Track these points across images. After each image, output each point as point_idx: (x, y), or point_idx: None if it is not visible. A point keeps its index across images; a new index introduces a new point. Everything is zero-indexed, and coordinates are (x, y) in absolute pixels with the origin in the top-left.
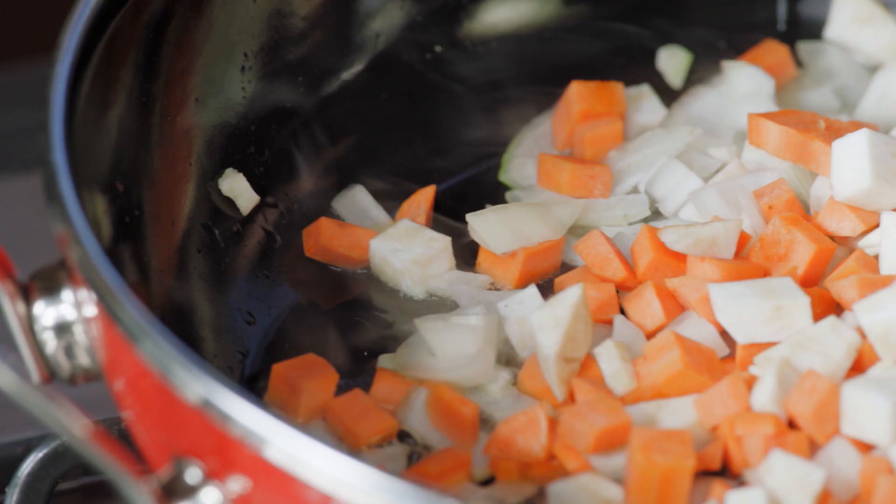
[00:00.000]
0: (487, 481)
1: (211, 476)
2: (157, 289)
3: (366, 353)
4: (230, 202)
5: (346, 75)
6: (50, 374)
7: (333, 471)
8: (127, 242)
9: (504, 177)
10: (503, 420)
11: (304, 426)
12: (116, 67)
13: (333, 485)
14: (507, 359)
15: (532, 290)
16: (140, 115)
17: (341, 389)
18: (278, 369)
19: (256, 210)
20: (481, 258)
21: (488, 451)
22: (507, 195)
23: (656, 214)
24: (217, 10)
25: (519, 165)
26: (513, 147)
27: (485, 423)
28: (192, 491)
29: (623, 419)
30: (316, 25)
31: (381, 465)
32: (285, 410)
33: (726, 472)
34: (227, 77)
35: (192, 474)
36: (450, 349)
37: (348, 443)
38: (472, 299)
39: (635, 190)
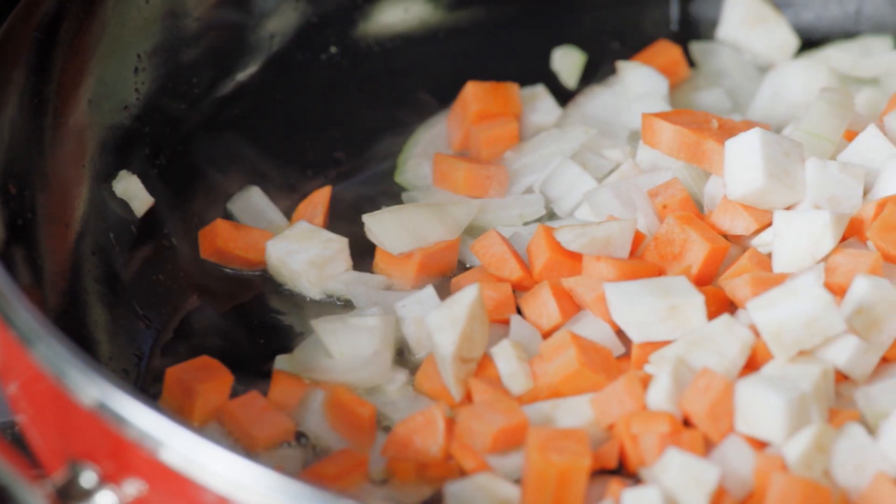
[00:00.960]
0: (385, 482)
1: (106, 479)
2: (50, 292)
3: (263, 355)
4: (125, 204)
5: (242, 76)
6: None
7: (230, 473)
8: (20, 245)
9: (399, 178)
10: (400, 421)
11: (201, 429)
12: (8, 69)
13: (230, 487)
14: (404, 359)
15: (429, 291)
16: (32, 117)
17: (238, 392)
18: (172, 372)
19: (151, 212)
20: (378, 259)
21: (386, 451)
22: (404, 196)
23: (552, 215)
24: (110, 11)
25: (414, 166)
26: (408, 148)
27: (382, 423)
28: (87, 494)
29: (520, 419)
30: (210, 26)
31: (278, 467)
32: (181, 413)
33: (622, 471)
34: (120, 78)
35: (88, 478)
36: (347, 350)
37: (245, 445)
38: (369, 300)
39: (530, 190)
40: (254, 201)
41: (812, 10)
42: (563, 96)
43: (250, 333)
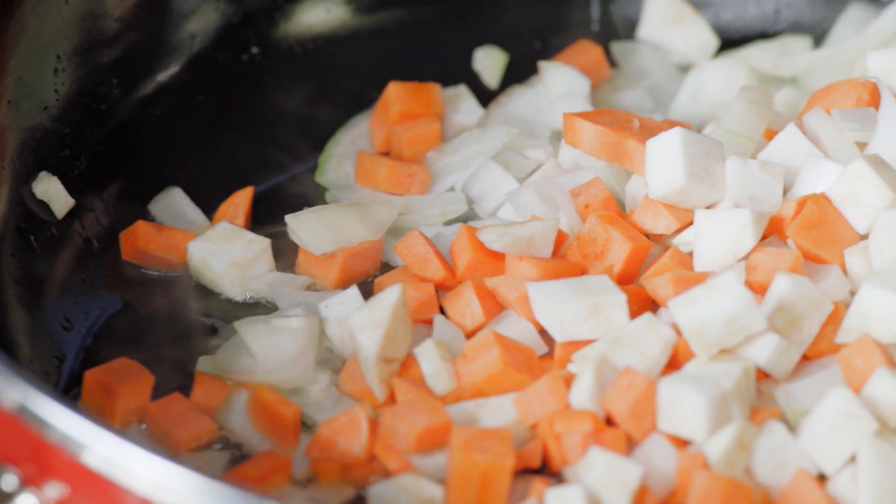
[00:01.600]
0: (309, 483)
1: (27, 483)
2: None
3: (185, 357)
4: (45, 206)
5: (162, 77)
6: None
7: (152, 475)
8: None
9: (320, 178)
10: (324, 421)
11: (123, 431)
12: None
13: (152, 489)
14: (328, 360)
15: (353, 291)
16: None
17: (161, 393)
18: (92, 375)
19: (72, 213)
20: (301, 259)
21: (309, 452)
22: (327, 195)
23: (474, 215)
24: (28, 11)
25: (336, 165)
26: (330, 147)
27: (305, 425)
28: (8, 498)
29: (443, 419)
30: (130, 27)
31: (201, 469)
32: (102, 415)
33: (546, 470)
34: (40, 79)
35: (8, 481)
36: (270, 351)
37: (168, 447)
38: (292, 301)
39: (453, 190)
40: (175, 202)
41: (731, 9)
42: (485, 96)
43: (172, 335)
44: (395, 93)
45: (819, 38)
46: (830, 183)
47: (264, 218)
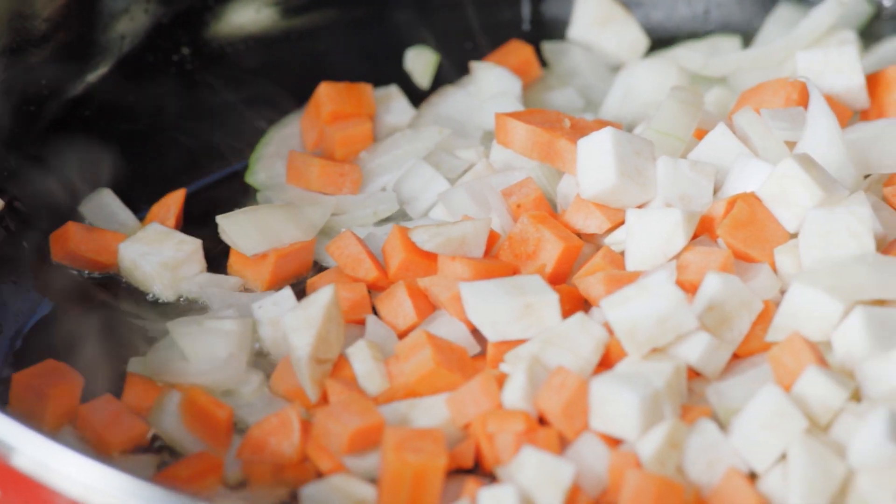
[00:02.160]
0: (241, 484)
1: None
2: None
3: (116, 358)
4: None
5: (92, 77)
6: None
7: (83, 477)
8: None
9: (250, 178)
10: (256, 423)
11: (53, 433)
12: None
13: (83, 491)
14: (260, 361)
15: (286, 292)
16: None
17: (92, 395)
18: (20, 378)
19: (1, 215)
20: (232, 260)
21: (241, 454)
22: (258, 196)
23: (406, 216)
24: None
25: (267, 165)
26: (261, 147)
27: (238, 426)
28: None
29: (376, 419)
30: (59, 27)
31: (132, 471)
32: (32, 418)
33: (479, 470)
34: None
35: None
36: (202, 352)
37: (99, 449)
38: (224, 302)
39: (384, 190)
40: (105, 203)
41: (661, 9)
42: (417, 96)
43: (103, 336)
44: (327, 93)
45: (748, 37)
46: (760, 182)
47: (196, 219)
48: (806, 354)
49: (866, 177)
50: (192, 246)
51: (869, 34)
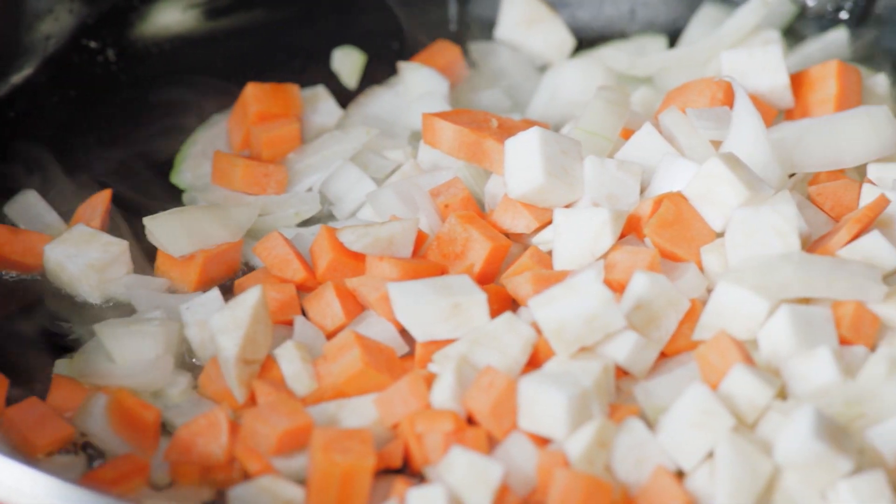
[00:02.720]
0: (169, 486)
1: None
2: None
3: (43, 360)
4: None
5: (17, 79)
6: None
7: (8, 480)
8: None
9: (176, 179)
10: (184, 424)
11: None
12: None
13: (9, 493)
14: (188, 363)
15: (214, 293)
16: None
17: (17, 398)
18: None
19: None
20: (160, 261)
21: (168, 455)
22: (185, 197)
23: (334, 217)
24: None
25: (193, 166)
26: (186, 148)
27: (165, 428)
28: None
29: (304, 420)
30: None
31: (58, 473)
32: None
33: (408, 470)
34: None
35: None
36: (129, 354)
37: (24, 451)
38: (151, 303)
39: (311, 191)
40: (31, 204)
41: (587, 9)
42: (344, 97)
43: (29, 338)
44: (254, 93)
45: (674, 37)
46: (686, 181)
47: (122, 220)
48: (732, 353)
49: (791, 176)
50: (119, 247)
51: (793, 33)
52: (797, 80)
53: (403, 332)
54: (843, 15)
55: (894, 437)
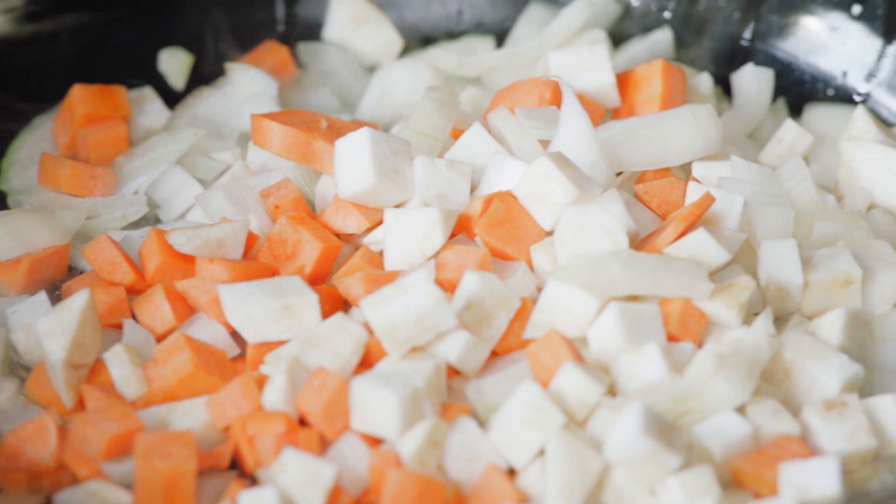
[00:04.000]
0: None
1: None
2: None
3: None
4: None
5: None
6: None
7: None
8: None
9: (3, 184)
10: (11, 430)
11: None
12: None
13: None
14: (14, 368)
15: (41, 297)
16: None
17: None
18: None
19: None
20: None
21: None
22: (10, 200)
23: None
24: None
25: (19, 170)
26: (12, 152)
27: None
28: None
29: (134, 424)
30: None
31: None
32: None
33: (242, 472)
34: None
35: None
36: None
37: None
38: None
39: (137, 193)
40: None
41: (416, 10)
42: (172, 98)
43: None
44: (80, 96)
45: (501, 38)
46: (515, 180)
47: None
48: (562, 351)
49: (619, 174)
50: None
51: (618, 33)
52: (623, 80)
53: (235, 334)
54: (667, 14)
55: (721, 433)
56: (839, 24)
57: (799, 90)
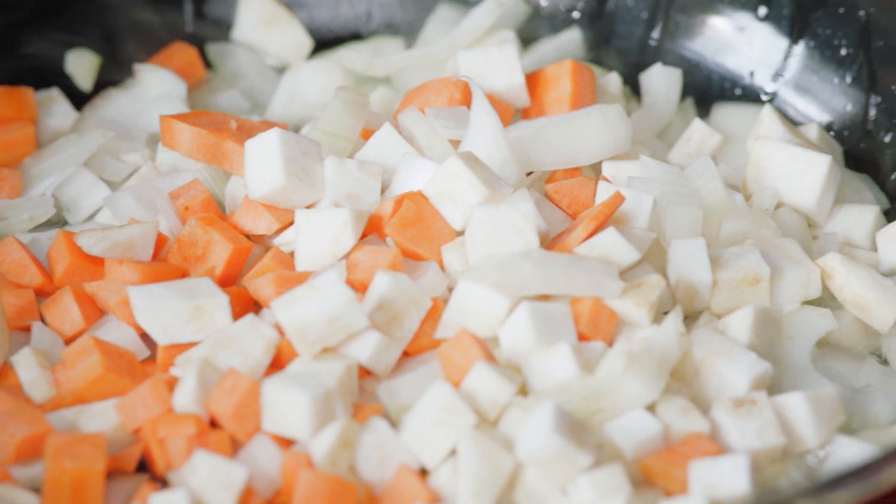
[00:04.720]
0: None
1: None
2: None
3: None
4: None
5: None
6: None
7: None
8: None
9: None
10: None
11: None
12: None
13: None
14: None
15: None
16: None
17: None
18: None
19: None
20: None
21: None
22: None
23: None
24: None
25: None
26: None
27: None
28: None
29: (43, 427)
30: None
31: None
32: None
33: (153, 474)
34: None
35: None
36: None
37: None
38: None
39: (44, 195)
40: None
41: (325, 11)
42: (80, 99)
43: None
44: None
45: (411, 38)
46: (426, 180)
47: None
48: (474, 350)
49: (529, 174)
50: None
51: (528, 34)
52: (532, 80)
53: (145, 336)
54: (576, 15)
55: (631, 431)
56: (746, 24)
57: (707, 90)
